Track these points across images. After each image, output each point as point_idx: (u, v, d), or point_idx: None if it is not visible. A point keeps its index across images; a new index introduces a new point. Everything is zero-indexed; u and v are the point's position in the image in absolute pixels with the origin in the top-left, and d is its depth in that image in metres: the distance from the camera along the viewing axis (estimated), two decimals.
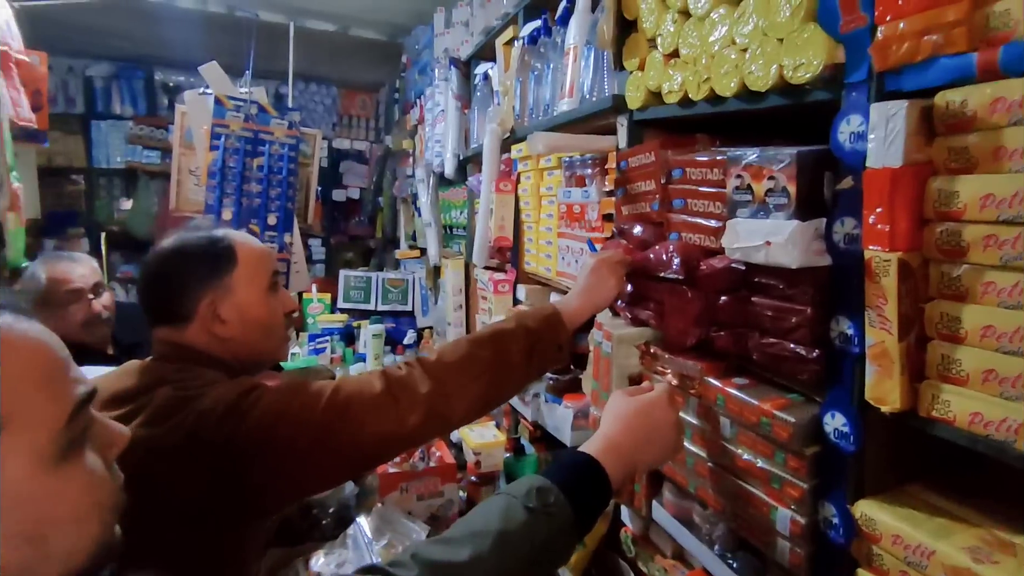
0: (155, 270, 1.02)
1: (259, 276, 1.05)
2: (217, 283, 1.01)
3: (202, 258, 1.01)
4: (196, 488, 0.84)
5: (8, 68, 1.51)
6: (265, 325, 1.06)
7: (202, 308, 0.99)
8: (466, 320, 2.49)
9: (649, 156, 1.09)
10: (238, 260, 1.03)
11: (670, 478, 1.08)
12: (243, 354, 1.03)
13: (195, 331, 1.00)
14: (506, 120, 1.85)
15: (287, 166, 1.69)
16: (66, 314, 1.64)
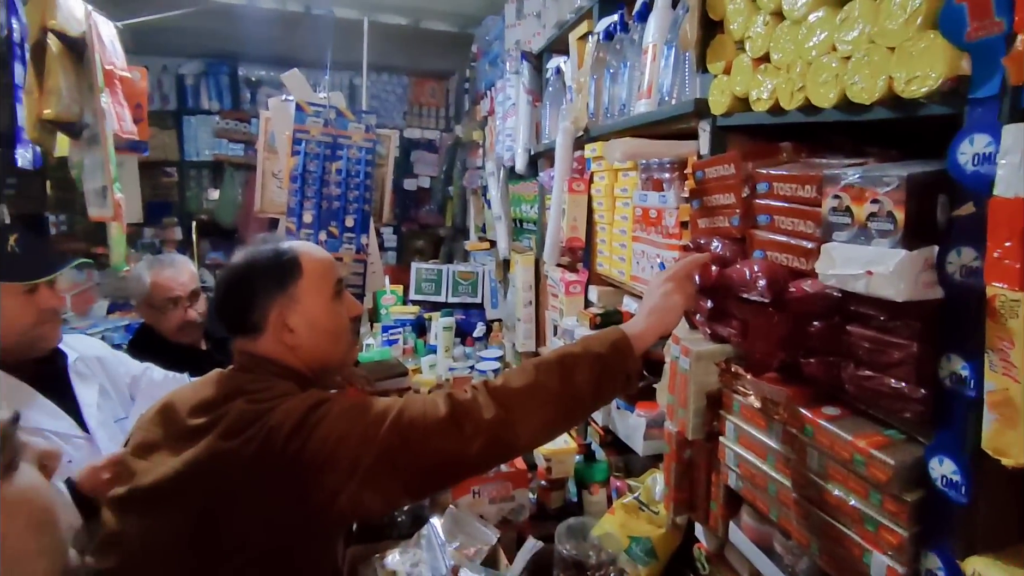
0: (227, 285, 1.08)
1: (324, 285, 1.09)
2: (284, 294, 1.05)
3: (269, 271, 1.06)
4: (266, 499, 0.89)
5: (113, 85, 1.62)
6: (331, 332, 1.10)
7: (272, 319, 1.04)
8: (536, 316, 2.49)
9: (728, 168, 1.04)
10: (303, 271, 1.08)
11: (750, 502, 1.04)
12: (312, 361, 1.08)
13: (267, 341, 1.05)
14: (579, 118, 1.81)
15: (364, 169, 1.73)
16: (164, 317, 1.79)
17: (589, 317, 1.68)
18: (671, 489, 1.23)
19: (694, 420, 1.15)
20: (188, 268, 1.86)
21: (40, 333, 1.27)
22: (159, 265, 1.82)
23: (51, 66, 1.59)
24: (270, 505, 0.89)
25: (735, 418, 1.06)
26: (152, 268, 1.81)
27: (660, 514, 1.35)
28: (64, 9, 1.63)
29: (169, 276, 1.80)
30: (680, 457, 1.21)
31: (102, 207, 1.69)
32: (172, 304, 1.80)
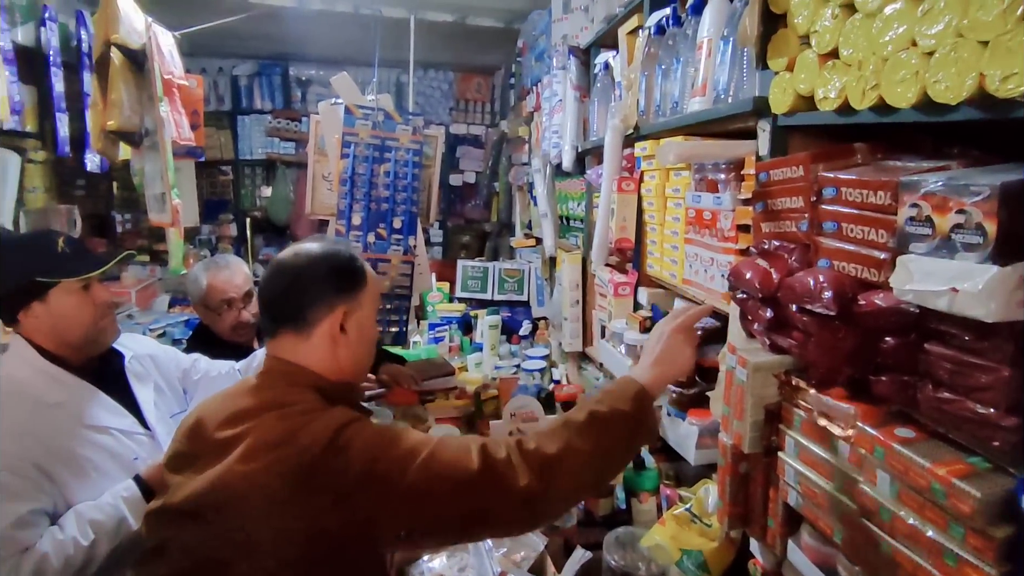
0: (291, 275, 1.06)
1: (376, 299, 1.14)
2: (352, 297, 1.07)
3: (343, 270, 1.08)
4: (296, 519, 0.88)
5: (171, 94, 1.67)
6: (370, 343, 1.13)
7: (333, 316, 1.04)
8: (583, 316, 2.45)
9: (796, 170, 0.98)
10: (367, 281, 1.10)
11: (811, 522, 0.99)
12: (347, 369, 1.07)
13: (316, 341, 1.04)
14: (629, 116, 1.77)
15: (411, 171, 1.73)
16: (219, 318, 1.85)
17: (639, 320, 1.64)
18: (726, 503, 1.18)
19: (751, 433, 1.10)
20: (242, 270, 1.92)
21: (101, 327, 1.33)
22: (215, 267, 1.88)
23: (114, 79, 1.65)
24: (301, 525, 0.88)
25: (796, 433, 1.01)
26: (208, 270, 1.87)
27: (713, 527, 1.30)
28: (126, 23, 1.69)
29: (224, 279, 1.86)
30: (735, 470, 1.16)
31: (161, 213, 1.75)
32: (226, 305, 1.86)
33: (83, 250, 1.35)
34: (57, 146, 2.37)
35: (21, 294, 1.25)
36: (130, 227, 4.27)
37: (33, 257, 1.27)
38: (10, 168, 2.67)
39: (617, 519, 1.54)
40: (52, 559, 1.13)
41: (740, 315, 1.18)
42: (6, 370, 1.26)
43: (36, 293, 1.25)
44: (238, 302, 1.86)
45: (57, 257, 1.28)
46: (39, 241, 1.32)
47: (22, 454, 1.15)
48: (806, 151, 1.03)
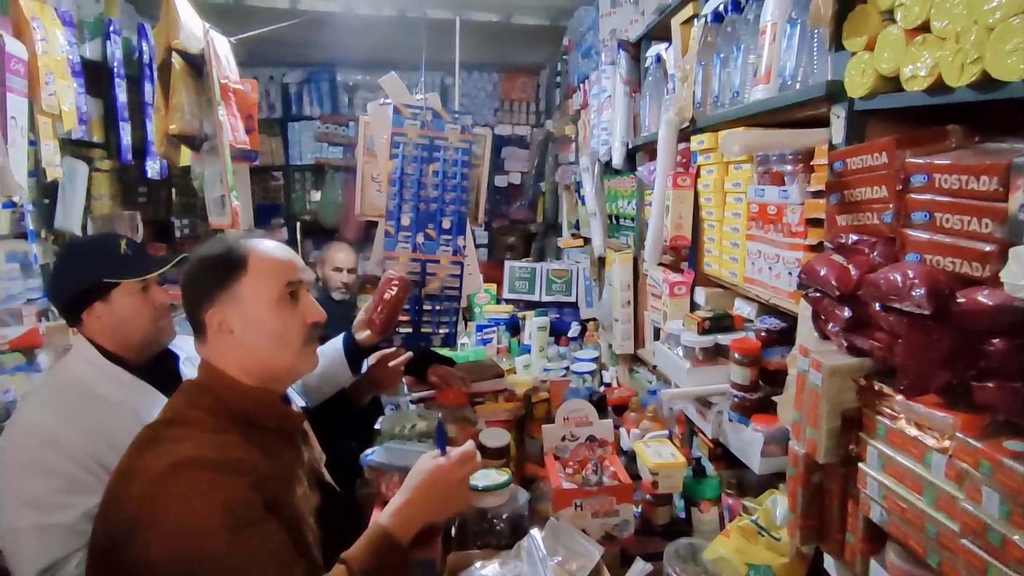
0: (182, 282, 1.06)
1: (271, 284, 1.04)
2: (224, 292, 1.02)
3: (213, 268, 1.03)
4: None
5: (228, 98, 1.71)
6: (275, 335, 1.04)
7: (210, 317, 1.01)
8: (634, 317, 2.39)
9: (880, 156, 0.90)
10: (248, 268, 1.03)
11: (899, 540, 0.91)
12: (254, 367, 1.03)
13: (211, 344, 1.03)
14: (684, 109, 1.70)
15: (460, 171, 1.71)
16: None
17: (697, 321, 1.57)
18: (797, 515, 1.11)
19: (826, 442, 1.02)
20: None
21: (160, 327, 1.37)
22: None
23: (175, 84, 1.70)
24: None
25: (880, 443, 0.93)
26: None
27: (783, 541, 1.22)
28: (186, 29, 1.73)
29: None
30: (808, 481, 1.08)
31: (221, 215, 1.78)
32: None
33: (143, 253, 1.38)
34: (121, 154, 2.46)
35: (86, 294, 1.29)
36: (188, 232, 4.42)
37: (98, 259, 1.31)
38: (79, 177, 2.79)
39: (676, 529, 1.48)
40: None
41: (813, 315, 1.10)
42: (72, 368, 1.30)
43: (99, 294, 1.29)
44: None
45: (120, 259, 1.32)
46: (104, 244, 1.36)
47: (89, 450, 1.18)
48: (886, 137, 0.96)
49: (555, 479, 1.41)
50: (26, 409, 1.25)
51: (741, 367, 1.42)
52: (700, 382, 1.55)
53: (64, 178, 2.71)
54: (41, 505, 1.13)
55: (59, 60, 1.84)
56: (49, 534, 1.12)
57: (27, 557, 1.11)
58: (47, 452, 1.15)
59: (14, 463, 1.16)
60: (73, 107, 1.91)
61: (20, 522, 1.12)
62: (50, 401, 1.25)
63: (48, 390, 1.31)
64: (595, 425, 1.54)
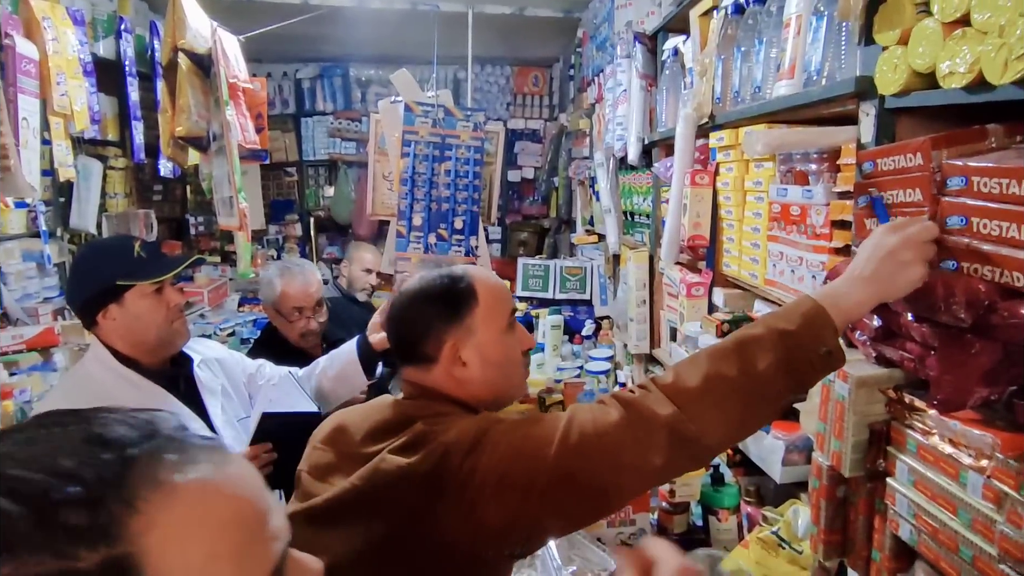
0: (400, 314, 1.04)
1: (499, 315, 1.03)
2: (458, 324, 1.00)
3: (443, 299, 1.01)
4: (443, 519, 0.86)
5: (236, 97, 1.69)
6: (504, 365, 1.04)
7: (445, 351, 0.99)
8: (650, 316, 2.34)
9: (913, 158, 0.86)
10: (478, 300, 1.02)
11: (930, 561, 0.87)
12: (484, 395, 1.03)
13: (439, 373, 1.01)
14: (703, 104, 1.65)
15: (472, 169, 1.68)
16: (289, 324, 1.88)
17: (715, 324, 1.53)
18: (821, 529, 1.07)
19: (852, 455, 0.98)
20: (316, 279, 1.95)
21: (175, 329, 1.36)
22: (289, 275, 1.90)
23: (181, 84, 1.68)
24: (446, 525, 0.86)
25: (910, 459, 0.89)
26: (283, 277, 1.90)
27: (804, 554, 1.19)
28: (192, 28, 1.72)
29: (298, 287, 1.89)
30: (833, 495, 1.04)
31: (229, 217, 1.77)
32: (297, 313, 1.89)
33: (158, 253, 1.38)
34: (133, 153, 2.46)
35: (100, 297, 1.28)
36: (203, 229, 4.44)
37: (112, 261, 1.31)
38: (93, 175, 2.80)
39: (693, 537, 1.44)
40: None
41: None
42: (87, 372, 1.30)
43: (113, 296, 1.28)
44: (308, 311, 1.89)
45: (134, 261, 1.31)
46: (117, 246, 1.36)
47: None
48: (918, 136, 0.91)
49: None
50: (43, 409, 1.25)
51: None
52: None
53: (79, 177, 2.73)
54: None
55: (70, 59, 1.84)
56: None
57: None
58: None
59: None
60: (85, 106, 1.91)
61: None
62: (65, 404, 1.24)
63: (62, 393, 1.32)
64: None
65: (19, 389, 1.96)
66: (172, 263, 1.35)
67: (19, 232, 2.64)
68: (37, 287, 2.62)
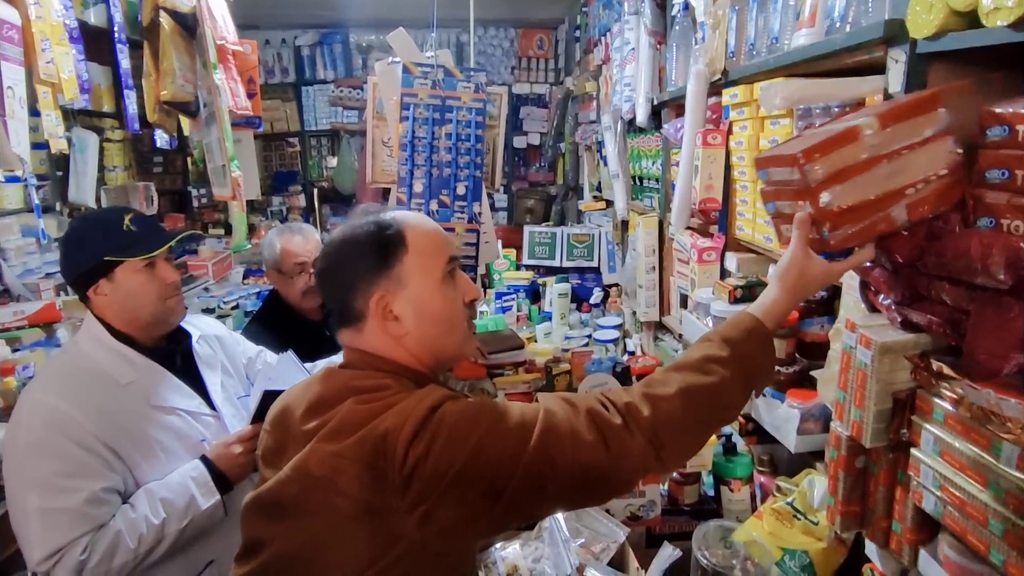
0: (325, 266, 0.95)
1: (434, 263, 0.93)
2: (386, 274, 0.90)
3: (368, 247, 0.91)
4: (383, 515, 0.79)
5: (226, 60, 1.61)
6: (444, 319, 0.93)
7: (373, 304, 0.90)
8: (659, 283, 2.29)
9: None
10: (408, 247, 0.91)
11: (957, 534, 0.83)
12: (423, 354, 0.93)
13: (372, 332, 0.91)
14: (716, 60, 1.56)
15: (475, 132, 1.61)
16: (291, 281, 1.88)
17: (728, 289, 1.47)
18: (838, 500, 1.03)
19: (874, 425, 0.94)
20: (314, 236, 1.96)
21: (168, 307, 1.30)
22: (288, 232, 1.92)
23: (165, 46, 1.61)
24: (390, 521, 0.79)
25: (936, 428, 0.84)
26: (282, 235, 1.92)
27: (820, 525, 1.16)
28: None
29: (298, 243, 1.89)
30: (851, 465, 1.00)
31: (222, 186, 1.71)
32: (299, 269, 1.88)
33: (151, 228, 1.32)
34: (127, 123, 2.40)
35: (90, 273, 1.24)
36: (205, 202, 4.39)
37: (100, 236, 1.26)
38: (89, 148, 2.75)
39: (704, 507, 1.42)
40: (126, 536, 1.13)
41: (861, 285, 1.01)
42: (81, 348, 1.27)
43: (103, 272, 1.24)
44: (309, 266, 1.89)
45: (123, 235, 1.26)
46: (106, 220, 1.30)
47: (95, 432, 1.15)
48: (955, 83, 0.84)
49: None
50: (35, 387, 1.22)
51: (776, 339, 1.33)
52: None
53: (74, 150, 2.68)
54: (45, 488, 1.10)
55: (55, 25, 1.77)
56: (53, 518, 1.09)
57: (33, 541, 1.10)
58: (52, 434, 1.12)
59: (20, 442, 1.14)
60: (73, 75, 1.84)
61: (27, 504, 1.11)
62: (57, 380, 1.21)
63: (56, 369, 1.27)
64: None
65: (22, 365, 1.95)
66: (163, 238, 1.29)
67: (17, 207, 2.60)
68: (38, 262, 2.59)
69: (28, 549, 1.11)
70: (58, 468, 1.11)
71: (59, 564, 1.09)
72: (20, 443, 1.14)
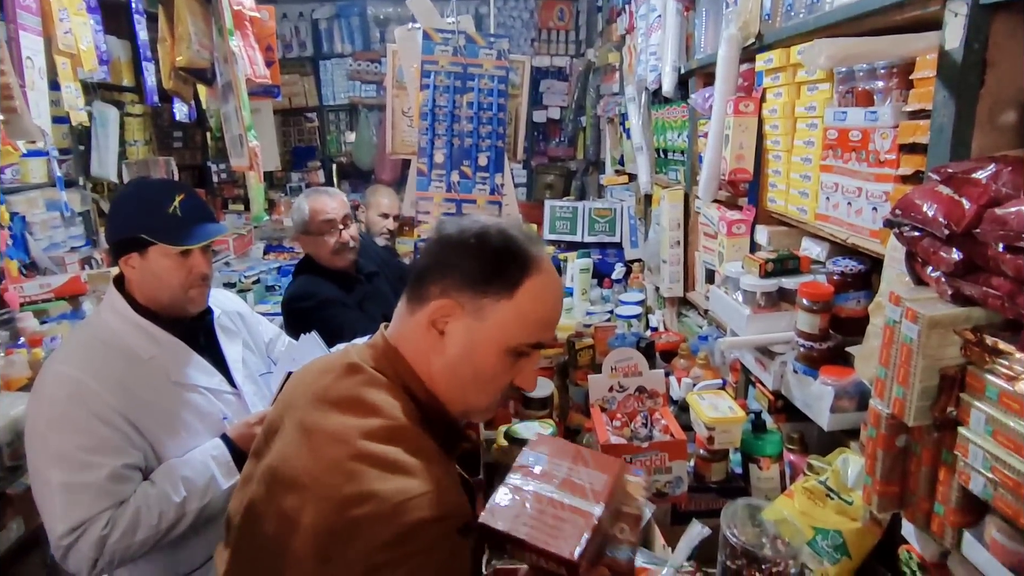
0: (443, 234, 0.86)
1: (520, 331, 0.83)
2: (472, 294, 0.83)
3: (479, 256, 0.82)
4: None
5: (243, 27, 1.58)
6: (481, 379, 0.84)
7: (438, 303, 0.82)
8: (684, 258, 2.24)
9: None
10: (515, 295, 0.83)
11: (1008, 516, 0.79)
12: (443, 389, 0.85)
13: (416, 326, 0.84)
14: (749, 23, 1.49)
15: (497, 101, 1.57)
16: (321, 241, 1.91)
17: (759, 263, 1.42)
18: (876, 480, 0.99)
19: (918, 402, 0.89)
20: (340, 196, 1.99)
21: (189, 296, 1.28)
22: (315, 194, 1.97)
23: (179, 11, 1.57)
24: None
25: (988, 407, 0.80)
26: (309, 197, 1.96)
27: (854, 504, 1.12)
28: None
29: (324, 201, 1.93)
30: (892, 444, 0.96)
31: (240, 157, 1.69)
32: (327, 227, 1.91)
33: (197, 216, 1.27)
34: (146, 96, 2.39)
35: (125, 243, 1.23)
36: (225, 177, 4.40)
37: (144, 210, 1.24)
38: (110, 122, 2.75)
39: (732, 485, 1.39)
40: (147, 513, 1.13)
41: (907, 257, 0.95)
42: (103, 321, 1.26)
43: (137, 246, 1.23)
44: (338, 223, 1.92)
45: (166, 218, 1.22)
46: (155, 196, 1.26)
47: (117, 406, 1.15)
48: (1015, 40, 0.78)
49: (602, 433, 1.33)
50: (57, 359, 1.21)
51: (809, 314, 1.28)
52: (761, 330, 1.42)
53: (95, 124, 2.68)
54: (68, 462, 1.10)
55: None
56: (75, 493, 1.10)
57: (55, 515, 1.10)
58: (75, 407, 1.12)
59: (43, 415, 1.14)
60: (92, 46, 1.82)
61: (49, 477, 1.11)
62: (80, 354, 1.20)
63: (79, 342, 1.25)
64: (645, 376, 1.44)
65: (49, 337, 1.97)
66: (204, 232, 1.26)
67: (41, 182, 2.62)
68: (63, 236, 2.62)
69: (51, 523, 1.11)
70: (81, 442, 1.11)
71: (81, 538, 1.09)
72: (43, 416, 1.14)
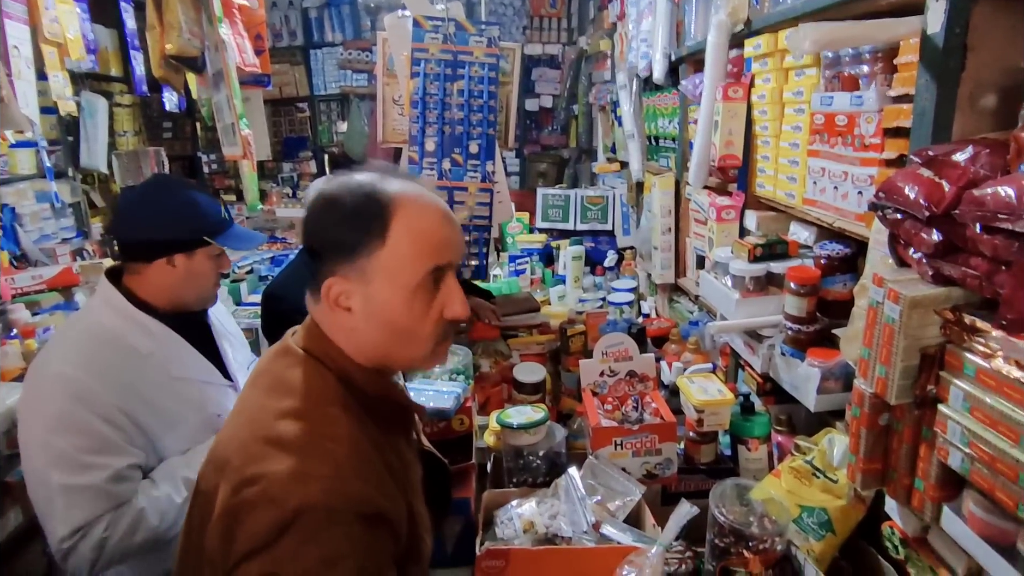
0: (304, 219, 0.87)
1: (413, 265, 0.82)
2: (348, 262, 0.81)
3: (342, 222, 0.82)
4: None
5: (232, 15, 1.57)
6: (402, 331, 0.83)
7: (324, 288, 0.82)
8: (675, 244, 2.25)
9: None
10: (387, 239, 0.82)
11: (985, 491, 0.81)
12: (375, 355, 0.84)
13: (323, 312, 0.84)
14: (738, 8, 1.50)
15: (487, 88, 1.57)
16: None
17: (748, 248, 1.44)
18: (859, 458, 1.02)
19: (900, 381, 0.92)
20: None
21: (213, 294, 1.35)
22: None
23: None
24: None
25: (966, 384, 0.82)
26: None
27: (840, 483, 1.15)
28: None
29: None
30: (874, 423, 0.99)
31: (232, 145, 1.69)
32: None
33: (231, 219, 1.36)
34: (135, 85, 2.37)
35: (175, 243, 1.23)
36: (216, 168, 4.38)
37: (206, 215, 1.27)
38: (99, 112, 2.73)
39: (721, 467, 1.41)
40: (148, 514, 1.12)
41: (890, 239, 0.97)
42: (97, 316, 1.23)
43: (186, 247, 1.24)
44: None
45: (222, 222, 1.30)
46: (211, 202, 1.32)
47: (119, 404, 1.13)
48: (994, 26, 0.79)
49: (593, 416, 1.35)
50: (54, 357, 1.17)
51: (797, 297, 1.30)
52: (750, 314, 1.44)
53: (84, 114, 2.66)
54: (69, 464, 1.08)
55: None
56: (76, 495, 1.08)
57: (56, 517, 1.08)
58: (77, 408, 1.10)
59: (41, 414, 1.11)
60: (79, 34, 1.81)
61: (49, 479, 1.08)
62: (79, 352, 1.16)
63: (75, 340, 1.20)
64: (635, 360, 1.46)
65: (42, 328, 1.97)
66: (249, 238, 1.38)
67: (30, 173, 2.61)
68: (53, 227, 2.61)
69: (50, 525, 1.09)
70: (82, 444, 1.09)
71: (82, 541, 1.08)
72: (41, 416, 1.10)
